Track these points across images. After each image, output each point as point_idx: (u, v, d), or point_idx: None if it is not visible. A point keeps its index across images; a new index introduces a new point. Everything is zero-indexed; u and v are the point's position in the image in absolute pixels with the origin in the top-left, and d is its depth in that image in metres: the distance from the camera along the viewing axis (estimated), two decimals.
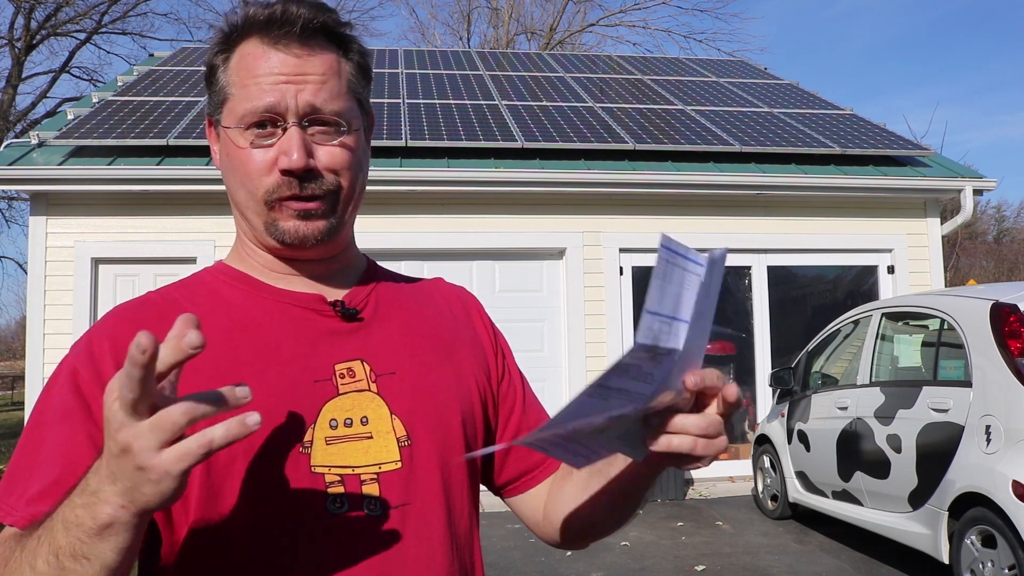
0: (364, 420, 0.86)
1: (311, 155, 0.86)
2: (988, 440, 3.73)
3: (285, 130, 0.85)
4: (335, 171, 0.88)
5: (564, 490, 0.97)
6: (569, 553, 5.11)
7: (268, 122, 0.86)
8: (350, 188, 0.90)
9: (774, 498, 6.15)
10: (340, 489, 0.82)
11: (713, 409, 0.76)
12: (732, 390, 0.74)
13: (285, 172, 0.85)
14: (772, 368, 7.39)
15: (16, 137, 16.02)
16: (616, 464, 0.88)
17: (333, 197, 0.89)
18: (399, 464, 0.86)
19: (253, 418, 0.61)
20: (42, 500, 0.74)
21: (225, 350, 0.84)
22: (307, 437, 0.83)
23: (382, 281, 1.00)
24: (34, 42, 19.38)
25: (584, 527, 0.96)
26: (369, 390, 0.87)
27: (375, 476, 0.84)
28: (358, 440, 0.85)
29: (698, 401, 0.75)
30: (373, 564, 0.82)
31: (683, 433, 0.74)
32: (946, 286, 8.73)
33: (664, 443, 0.75)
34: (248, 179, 0.87)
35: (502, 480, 1.04)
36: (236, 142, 0.87)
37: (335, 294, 0.93)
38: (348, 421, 0.85)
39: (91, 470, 0.66)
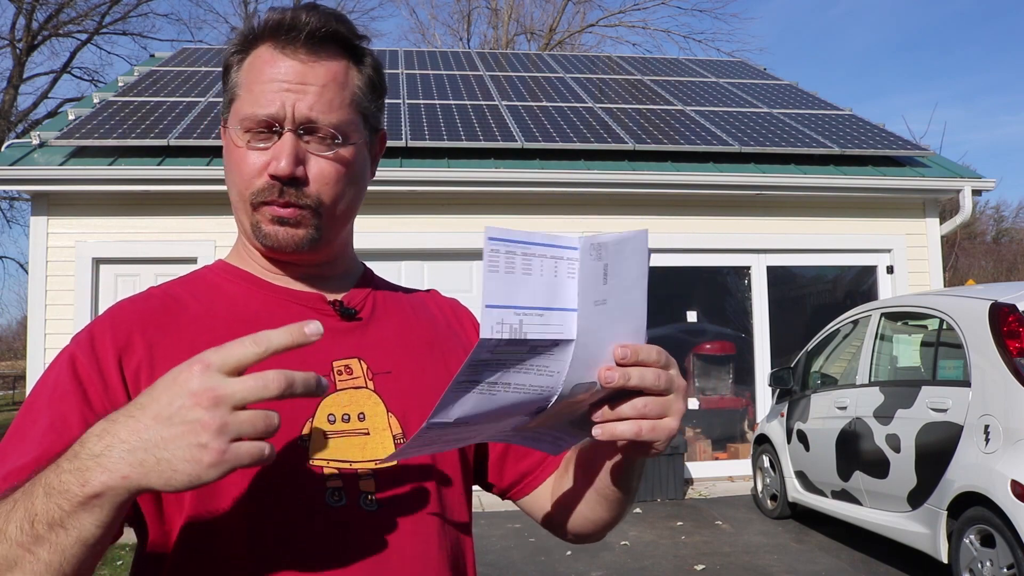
0: (361, 416, 0.87)
1: (302, 164, 0.86)
2: (987, 440, 3.74)
3: (280, 135, 0.86)
4: (320, 184, 0.88)
5: (561, 492, 1.00)
6: (569, 552, 5.12)
7: (266, 128, 0.87)
8: (333, 203, 0.90)
9: (773, 498, 6.16)
10: (338, 483, 0.84)
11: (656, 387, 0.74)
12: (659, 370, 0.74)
13: (273, 177, 0.86)
14: (771, 368, 7.40)
15: (17, 137, 16.05)
16: (596, 464, 0.91)
17: (312, 210, 0.88)
18: (395, 461, 0.87)
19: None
20: (23, 471, 0.71)
21: (225, 341, 0.85)
22: (305, 430, 0.84)
23: (379, 286, 1.02)
24: (35, 43, 19.41)
25: (585, 523, 0.99)
26: (366, 387, 0.89)
27: (371, 472, 0.86)
28: (355, 435, 0.86)
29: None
30: (368, 557, 0.83)
31: (622, 419, 0.74)
32: (945, 286, 8.74)
33: (608, 431, 0.74)
34: (241, 179, 0.88)
35: (505, 483, 1.05)
36: (235, 141, 0.89)
37: (334, 295, 0.95)
38: (346, 417, 0.86)
39: (91, 435, 0.63)
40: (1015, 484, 3.51)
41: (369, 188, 1.00)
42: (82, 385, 0.80)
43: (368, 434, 0.87)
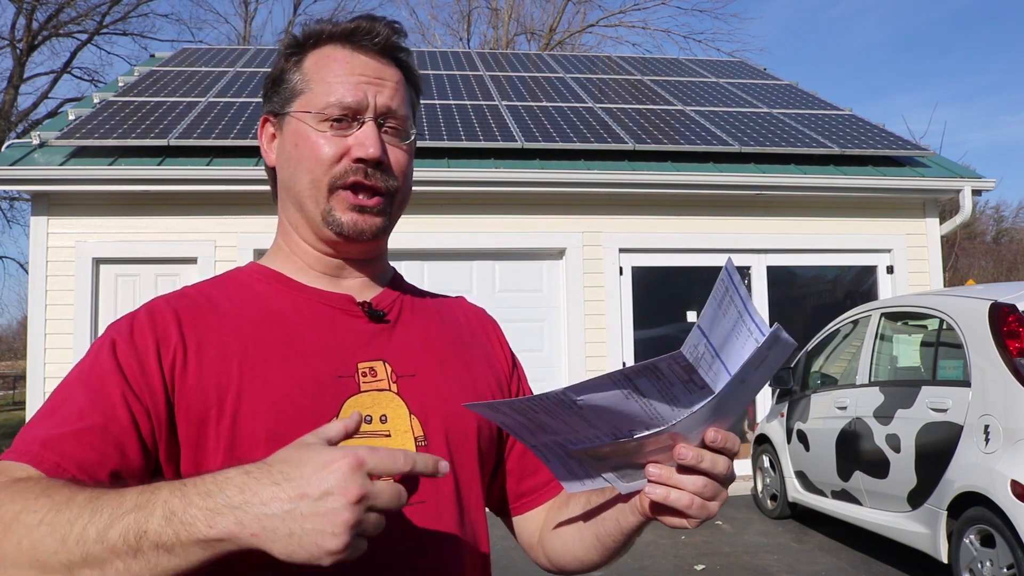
0: (383, 418, 0.89)
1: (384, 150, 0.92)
2: (987, 440, 3.74)
3: (361, 124, 0.91)
4: (398, 171, 0.94)
5: (557, 524, 1.00)
6: None
7: (346, 117, 0.91)
8: (404, 191, 0.97)
9: (773, 498, 6.16)
10: None
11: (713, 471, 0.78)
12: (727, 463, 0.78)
13: (358, 160, 0.90)
14: None
15: (18, 137, 16.05)
16: (607, 520, 0.91)
17: (390, 197, 0.94)
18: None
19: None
20: (62, 441, 0.75)
21: (255, 339, 0.88)
22: None
23: (408, 290, 1.04)
24: (35, 43, 19.40)
25: (573, 560, 1.00)
26: (389, 390, 0.90)
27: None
28: (376, 437, 0.87)
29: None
30: (389, 559, 0.83)
31: (681, 489, 0.77)
32: (945, 286, 8.74)
33: (662, 494, 0.77)
34: (318, 164, 0.91)
35: (511, 495, 1.05)
36: (314, 128, 0.92)
37: (364, 296, 0.97)
38: (368, 418, 0.87)
39: (230, 481, 0.64)
40: (1015, 484, 3.51)
41: None
42: (119, 364, 0.82)
43: (389, 436, 0.88)
